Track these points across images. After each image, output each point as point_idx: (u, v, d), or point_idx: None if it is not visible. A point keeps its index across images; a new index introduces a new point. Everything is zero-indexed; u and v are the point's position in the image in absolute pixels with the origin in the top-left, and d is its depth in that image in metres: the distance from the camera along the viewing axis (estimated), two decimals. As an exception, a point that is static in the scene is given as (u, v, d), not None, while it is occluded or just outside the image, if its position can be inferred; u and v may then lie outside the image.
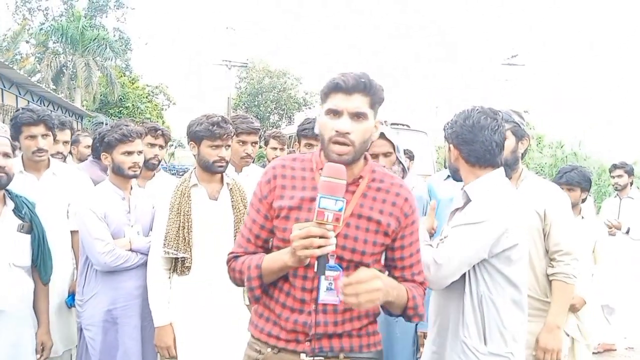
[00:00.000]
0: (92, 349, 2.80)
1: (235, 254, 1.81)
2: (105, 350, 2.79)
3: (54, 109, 17.73)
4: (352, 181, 1.70)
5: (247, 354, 1.80)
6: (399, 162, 2.80)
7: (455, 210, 2.14)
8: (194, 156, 2.76)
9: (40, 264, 2.60)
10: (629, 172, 5.76)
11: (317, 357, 1.68)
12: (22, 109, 3.13)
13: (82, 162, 4.40)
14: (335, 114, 1.65)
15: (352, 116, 1.64)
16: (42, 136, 3.04)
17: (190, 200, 2.67)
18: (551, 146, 14.98)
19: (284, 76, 36.51)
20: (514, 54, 30.41)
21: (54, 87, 25.87)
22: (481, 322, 2.00)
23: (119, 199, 2.87)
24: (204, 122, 2.67)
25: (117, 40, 30.29)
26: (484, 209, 1.99)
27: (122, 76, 30.00)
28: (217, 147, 2.68)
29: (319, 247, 1.49)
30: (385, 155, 2.76)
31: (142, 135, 3.01)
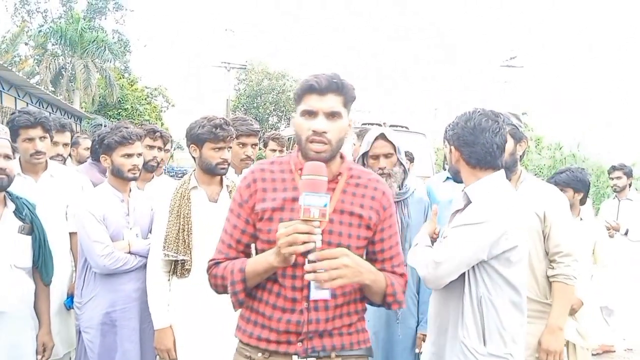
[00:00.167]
0: (91, 352, 2.79)
1: (216, 261, 1.83)
2: (103, 353, 2.78)
3: (53, 111, 17.67)
4: (332, 179, 1.74)
5: None
6: (400, 163, 2.80)
7: (455, 212, 2.15)
8: (195, 159, 2.75)
9: (41, 265, 2.60)
10: (628, 174, 5.77)
11: (309, 358, 1.70)
12: (18, 111, 3.11)
13: (81, 164, 4.39)
14: (310, 114, 1.69)
15: (327, 116, 1.68)
16: (40, 138, 3.03)
17: (190, 202, 2.67)
18: (550, 148, 15.00)
19: (283, 78, 36.49)
20: (512, 56, 30.44)
21: (53, 89, 25.79)
22: (480, 323, 2.01)
23: (118, 201, 2.86)
24: (206, 125, 2.66)
25: (116, 42, 30.20)
26: (484, 210, 2.00)
27: (121, 78, 29.94)
28: (220, 149, 2.68)
29: (303, 243, 1.51)
30: (386, 156, 2.76)
31: (142, 137, 3.00)
